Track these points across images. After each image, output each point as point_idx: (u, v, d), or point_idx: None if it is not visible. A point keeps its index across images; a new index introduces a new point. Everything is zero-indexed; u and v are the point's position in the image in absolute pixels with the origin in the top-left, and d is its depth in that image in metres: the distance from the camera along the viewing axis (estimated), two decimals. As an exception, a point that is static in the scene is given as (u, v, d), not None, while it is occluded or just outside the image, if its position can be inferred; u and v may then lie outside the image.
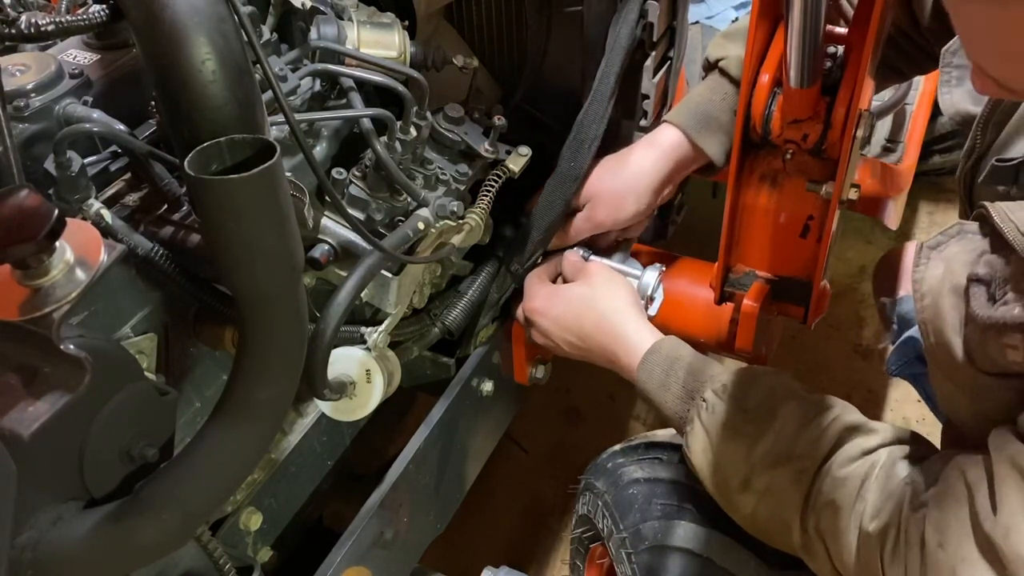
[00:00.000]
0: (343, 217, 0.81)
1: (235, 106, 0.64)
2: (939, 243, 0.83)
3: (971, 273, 0.76)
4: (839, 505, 0.86)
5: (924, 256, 0.83)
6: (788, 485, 0.91)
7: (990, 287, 0.75)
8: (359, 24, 1.02)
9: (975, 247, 0.79)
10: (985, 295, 0.75)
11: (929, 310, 0.81)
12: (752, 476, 0.93)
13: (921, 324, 0.83)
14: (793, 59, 0.94)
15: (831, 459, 0.90)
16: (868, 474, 0.87)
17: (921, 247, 0.83)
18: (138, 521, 0.64)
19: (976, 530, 0.73)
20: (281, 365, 0.66)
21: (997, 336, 0.72)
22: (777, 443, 0.93)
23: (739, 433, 0.95)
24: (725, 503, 0.99)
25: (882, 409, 2.03)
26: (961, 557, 0.73)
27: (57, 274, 0.59)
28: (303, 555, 1.12)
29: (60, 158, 0.74)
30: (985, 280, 0.75)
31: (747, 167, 1.16)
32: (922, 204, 2.46)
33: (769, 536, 0.96)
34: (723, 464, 0.96)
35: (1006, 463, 0.72)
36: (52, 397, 0.61)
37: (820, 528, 0.89)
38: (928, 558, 0.76)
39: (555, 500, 1.89)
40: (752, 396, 0.96)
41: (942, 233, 0.83)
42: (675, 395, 1.02)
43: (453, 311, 1.16)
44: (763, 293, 1.17)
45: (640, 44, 1.19)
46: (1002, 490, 0.72)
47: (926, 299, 0.82)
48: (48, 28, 0.69)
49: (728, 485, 0.96)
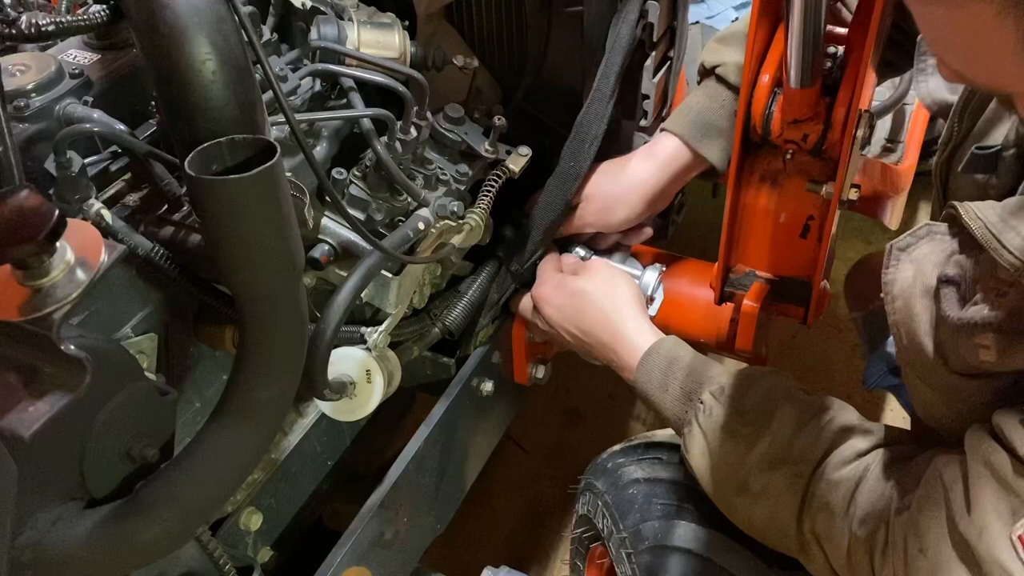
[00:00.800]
0: (343, 217, 0.81)
1: (235, 106, 0.64)
2: (908, 244, 0.81)
3: (941, 274, 0.76)
4: (832, 509, 0.87)
5: (894, 258, 0.82)
6: (784, 488, 0.91)
7: (960, 288, 0.75)
8: (359, 24, 1.02)
9: (944, 248, 0.78)
10: (956, 296, 0.75)
11: (901, 312, 0.81)
12: (749, 479, 0.93)
13: (893, 327, 0.82)
14: (793, 59, 0.94)
15: (826, 462, 0.90)
16: (861, 477, 0.87)
17: (891, 249, 0.82)
18: (138, 521, 0.64)
19: (951, 531, 0.73)
20: (281, 365, 0.67)
21: (968, 336, 0.72)
22: (773, 446, 0.93)
23: (736, 436, 0.95)
24: (723, 505, 0.99)
25: (882, 409, 2.03)
26: (940, 562, 0.74)
27: (58, 274, 0.59)
28: (303, 555, 1.12)
29: (60, 158, 0.74)
30: (955, 281, 0.75)
31: (747, 167, 1.16)
32: (922, 204, 2.45)
33: (767, 538, 0.96)
34: (720, 466, 0.96)
35: (979, 463, 0.73)
36: (52, 397, 0.61)
37: (816, 531, 0.89)
38: (910, 564, 0.77)
39: (555, 500, 1.89)
40: (749, 398, 0.96)
41: (911, 234, 0.81)
42: (673, 396, 1.02)
43: (453, 311, 1.16)
44: (763, 293, 1.17)
45: (640, 44, 1.19)
46: (976, 490, 0.72)
47: (897, 301, 0.81)
48: (48, 28, 0.69)
49: (726, 487, 0.97)
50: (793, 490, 0.90)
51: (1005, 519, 0.69)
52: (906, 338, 0.81)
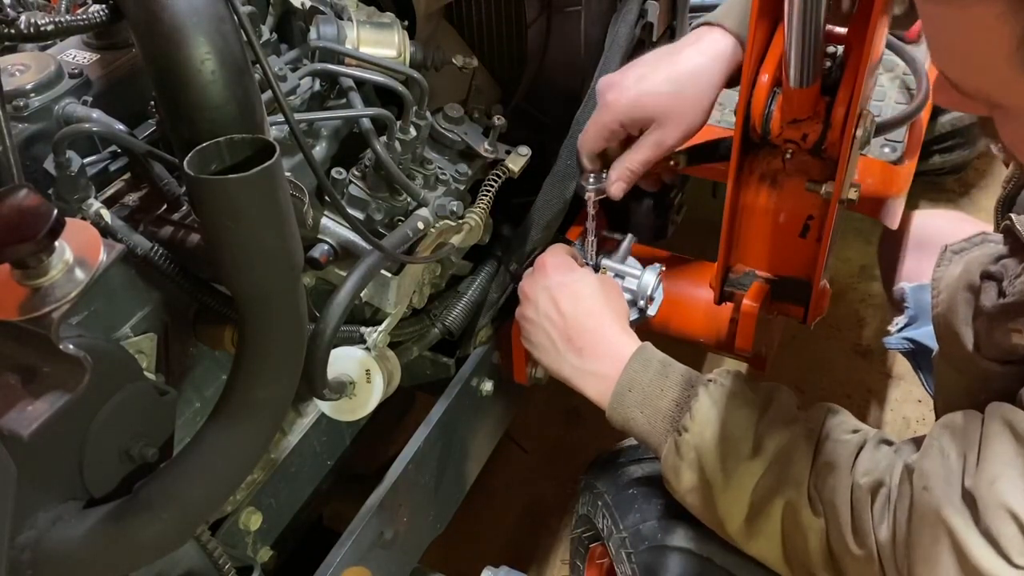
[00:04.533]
0: (343, 217, 0.81)
1: (234, 106, 0.64)
2: (962, 248, 0.89)
3: (984, 270, 0.82)
4: (837, 464, 0.89)
5: (946, 259, 0.89)
6: (802, 443, 0.92)
7: (1000, 283, 0.80)
8: (359, 24, 1.02)
9: (994, 252, 0.84)
10: (996, 290, 0.80)
11: (944, 304, 0.87)
12: (765, 438, 0.93)
13: (935, 318, 0.88)
14: (793, 59, 0.94)
15: (829, 425, 0.94)
16: (861, 443, 0.91)
17: (945, 249, 0.89)
18: (137, 521, 0.64)
19: (962, 486, 0.76)
20: (281, 365, 0.66)
21: (1004, 321, 0.77)
22: (783, 409, 0.96)
23: (750, 403, 0.96)
24: (728, 478, 0.95)
25: (882, 409, 2.03)
26: (947, 499, 0.76)
27: (56, 274, 0.59)
28: (303, 555, 1.12)
29: (59, 158, 0.74)
30: (997, 277, 0.81)
31: (747, 167, 1.15)
32: (922, 204, 2.46)
33: (766, 515, 0.94)
34: (733, 431, 0.95)
35: (998, 421, 0.76)
36: (51, 397, 0.61)
37: (819, 488, 0.90)
38: (916, 500, 0.79)
39: (555, 500, 1.89)
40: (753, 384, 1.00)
41: (966, 240, 0.89)
42: (674, 382, 1.00)
43: (453, 311, 1.16)
44: (763, 293, 1.17)
45: (639, 43, 1.19)
46: (992, 444, 0.75)
47: (942, 295, 0.88)
48: (48, 28, 0.69)
49: (738, 452, 0.94)
50: (809, 441, 0.92)
51: (1021, 470, 0.72)
52: (944, 327, 0.87)
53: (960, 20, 0.60)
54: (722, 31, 1.06)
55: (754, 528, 0.95)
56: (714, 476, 0.95)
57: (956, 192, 2.53)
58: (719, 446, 0.95)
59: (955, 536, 0.74)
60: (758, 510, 0.94)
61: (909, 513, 0.80)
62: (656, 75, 1.08)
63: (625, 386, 1.02)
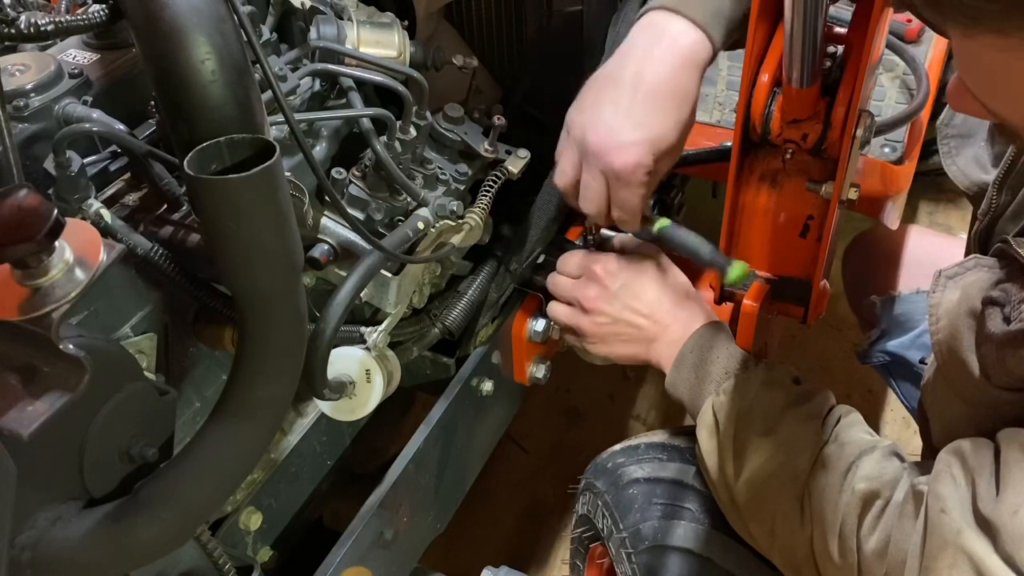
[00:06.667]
0: (343, 217, 0.81)
1: (234, 106, 0.64)
2: (956, 273, 0.87)
3: (986, 296, 0.80)
4: (834, 466, 0.90)
5: (940, 284, 0.87)
6: (811, 438, 0.94)
7: (1004, 309, 0.78)
8: (359, 24, 1.02)
9: (992, 277, 0.83)
10: (1000, 316, 0.78)
11: (944, 331, 0.85)
12: (780, 423, 0.96)
13: (935, 345, 0.86)
14: (793, 59, 0.94)
15: (839, 427, 0.95)
16: (866, 448, 0.91)
17: (939, 275, 0.88)
18: (137, 521, 0.64)
19: (976, 512, 0.75)
20: (281, 365, 0.66)
21: (1015, 348, 0.75)
22: (814, 407, 0.98)
23: (786, 390, 1.00)
24: (733, 448, 0.99)
25: (882, 409, 2.03)
26: (966, 523, 0.75)
27: (56, 274, 0.59)
28: (303, 555, 1.12)
29: (59, 158, 0.74)
30: (1000, 302, 0.79)
31: (747, 167, 1.15)
32: (922, 204, 2.46)
33: (761, 500, 0.96)
34: (755, 408, 0.99)
35: (1016, 448, 0.75)
36: (51, 397, 0.61)
37: (811, 487, 0.91)
38: (932, 523, 0.78)
39: (555, 500, 1.89)
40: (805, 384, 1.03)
41: (959, 264, 0.87)
42: (732, 353, 1.06)
43: (453, 311, 1.16)
44: (763, 293, 1.17)
45: (640, 44, 1.19)
46: (1013, 472, 0.73)
47: (942, 321, 0.86)
48: (48, 28, 0.69)
49: (751, 428, 0.98)
50: (817, 441, 0.93)
51: None
52: (948, 355, 0.85)
53: (1015, 66, 0.60)
54: (687, 22, 0.94)
55: (750, 510, 0.97)
56: (725, 441, 0.99)
57: (956, 192, 2.53)
58: (737, 419, 0.99)
59: (975, 560, 0.73)
60: (755, 492, 0.96)
61: (924, 535, 0.78)
62: (646, 114, 0.96)
63: (688, 348, 1.08)
